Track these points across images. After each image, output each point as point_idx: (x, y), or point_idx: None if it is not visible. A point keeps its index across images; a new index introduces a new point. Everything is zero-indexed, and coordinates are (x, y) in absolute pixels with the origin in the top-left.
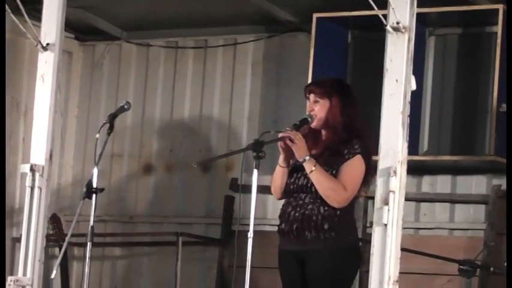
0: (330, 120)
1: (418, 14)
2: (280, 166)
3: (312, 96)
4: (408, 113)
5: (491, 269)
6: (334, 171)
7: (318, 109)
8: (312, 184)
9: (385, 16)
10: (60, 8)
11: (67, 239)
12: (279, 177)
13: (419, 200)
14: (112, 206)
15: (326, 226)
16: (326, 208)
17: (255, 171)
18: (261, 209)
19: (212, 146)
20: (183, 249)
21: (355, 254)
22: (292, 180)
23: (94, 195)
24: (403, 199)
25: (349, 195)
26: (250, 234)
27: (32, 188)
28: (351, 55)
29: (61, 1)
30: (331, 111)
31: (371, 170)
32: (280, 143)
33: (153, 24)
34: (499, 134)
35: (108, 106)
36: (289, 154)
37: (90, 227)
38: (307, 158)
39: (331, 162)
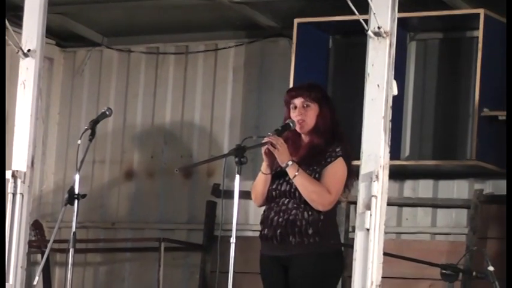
0: (319, 125)
1: (399, 19)
2: (262, 173)
3: (299, 101)
4: (390, 118)
5: (474, 273)
6: (316, 175)
7: (308, 114)
8: (296, 189)
9: (366, 21)
10: (41, 14)
11: (49, 245)
12: (261, 184)
13: (401, 205)
14: (94, 212)
15: (310, 231)
16: (310, 213)
17: (237, 177)
18: (243, 214)
19: (194, 152)
20: (166, 255)
21: (338, 259)
22: (274, 186)
23: (76, 202)
24: (385, 204)
25: (333, 197)
26: (233, 240)
27: (14, 195)
28: (332, 60)
29: (42, 7)
30: (322, 116)
31: (352, 173)
32: (263, 149)
33: (134, 30)
34: (480, 138)
35: (89, 112)
36: (272, 160)
37: (72, 233)
38: (290, 163)
39: (314, 166)
